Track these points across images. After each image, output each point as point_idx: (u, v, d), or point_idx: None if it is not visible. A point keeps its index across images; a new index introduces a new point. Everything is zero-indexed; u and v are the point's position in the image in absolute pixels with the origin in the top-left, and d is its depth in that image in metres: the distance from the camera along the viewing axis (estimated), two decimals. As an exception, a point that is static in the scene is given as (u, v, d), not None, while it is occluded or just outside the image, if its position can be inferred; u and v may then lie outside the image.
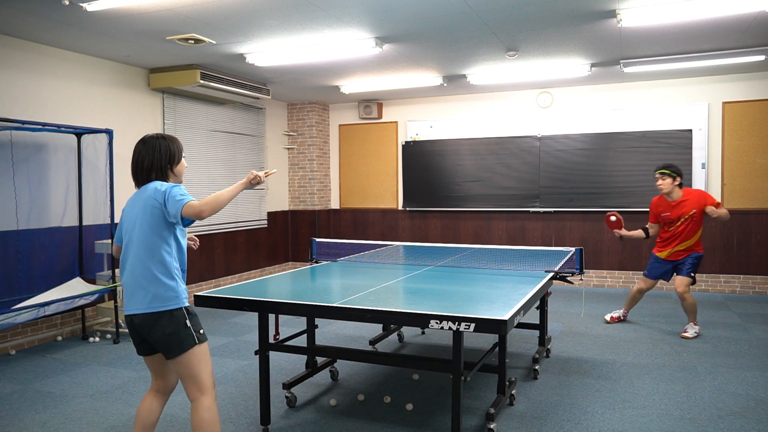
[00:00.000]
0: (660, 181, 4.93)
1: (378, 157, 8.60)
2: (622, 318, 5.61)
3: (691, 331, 5.05)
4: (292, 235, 8.84)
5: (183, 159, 2.61)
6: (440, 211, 8.22)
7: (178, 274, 2.46)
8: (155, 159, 2.48)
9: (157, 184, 2.43)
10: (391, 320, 2.79)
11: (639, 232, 5.24)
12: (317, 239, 4.63)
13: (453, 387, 2.78)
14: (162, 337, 2.38)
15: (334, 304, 2.83)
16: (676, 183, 4.91)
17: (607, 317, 5.60)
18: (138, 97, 6.11)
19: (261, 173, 2.61)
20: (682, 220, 4.88)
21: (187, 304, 2.46)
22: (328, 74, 6.59)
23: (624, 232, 5.19)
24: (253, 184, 2.61)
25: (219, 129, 7.27)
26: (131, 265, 2.43)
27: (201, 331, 2.46)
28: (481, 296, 3.15)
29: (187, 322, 2.41)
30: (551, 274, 3.72)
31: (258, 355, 3.25)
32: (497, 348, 3.49)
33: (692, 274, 5.03)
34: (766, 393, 3.70)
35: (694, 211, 4.84)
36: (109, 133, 5.19)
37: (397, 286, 3.40)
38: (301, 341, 3.93)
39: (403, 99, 8.37)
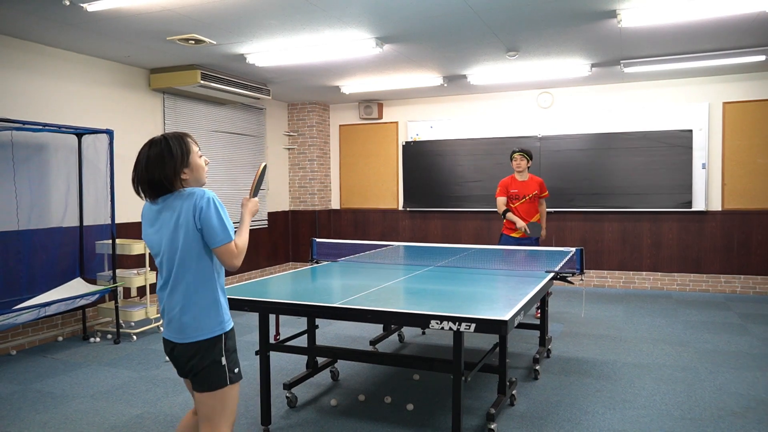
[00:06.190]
0: (520, 161, 5.69)
1: (378, 157, 8.60)
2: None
3: None
4: (292, 236, 8.85)
5: (198, 158, 2.19)
6: (440, 211, 8.22)
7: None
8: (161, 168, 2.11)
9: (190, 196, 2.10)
10: (391, 320, 2.79)
11: (510, 214, 5.66)
12: (318, 239, 4.63)
13: (453, 387, 2.78)
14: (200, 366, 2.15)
15: (335, 305, 2.83)
16: (529, 165, 5.75)
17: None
18: (138, 97, 6.11)
19: (255, 200, 2.34)
20: (526, 197, 5.69)
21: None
22: (328, 74, 6.59)
23: (520, 222, 5.57)
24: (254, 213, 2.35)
25: (219, 129, 7.27)
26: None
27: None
28: (482, 296, 3.15)
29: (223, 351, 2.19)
30: (551, 275, 3.72)
31: (258, 356, 3.25)
32: (498, 348, 3.49)
33: None
34: (766, 393, 3.70)
35: (536, 192, 5.72)
36: (109, 133, 5.19)
37: (398, 286, 3.40)
38: (302, 341, 3.94)
39: (403, 99, 8.37)
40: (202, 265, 2.11)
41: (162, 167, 2.09)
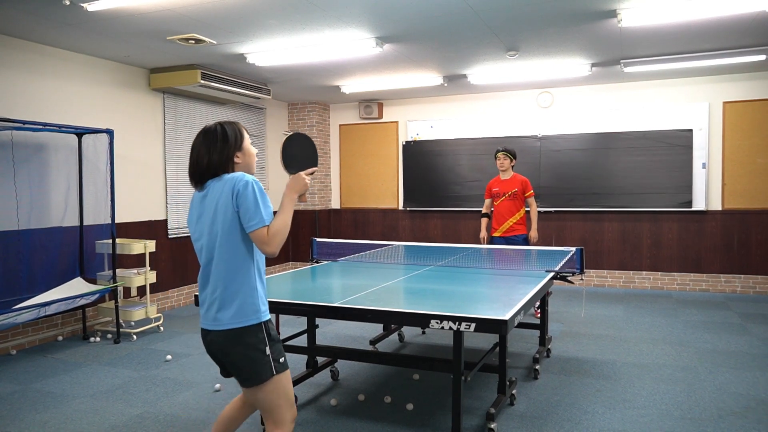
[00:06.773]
0: (503, 160, 5.80)
1: (378, 157, 8.60)
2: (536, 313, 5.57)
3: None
4: (292, 235, 8.84)
5: (249, 144, 2.28)
6: (441, 211, 8.22)
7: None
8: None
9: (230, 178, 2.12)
10: (391, 320, 2.80)
11: (484, 220, 5.99)
12: (318, 239, 4.64)
13: (453, 387, 2.78)
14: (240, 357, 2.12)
15: (335, 304, 2.83)
16: (512, 164, 5.84)
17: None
18: (139, 97, 6.11)
19: (303, 173, 2.26)
20: (507, 194, 5.76)
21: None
22: (328, 74, 6.60)
23: (483, 232, 5.94)
24: (303, 192, 2.28)
25: (219, 129, 7.27)
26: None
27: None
28: (482, 296, 3.15)
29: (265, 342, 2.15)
30: (552, 274, 3.72)
31: (258, 355, 3.24)
32: (498, 348, 3.49)
33: None
34: (766, 393, 3.70)
35: (516, 189, 5.75)
36: (109, 133, 5.19)
37: (398, 286, 3.40)
38: (302, 341, 3.94)
39: (403, 99, 8.37)
40: (240, 250, 2.09)
41: (218, 150, 2.15)
